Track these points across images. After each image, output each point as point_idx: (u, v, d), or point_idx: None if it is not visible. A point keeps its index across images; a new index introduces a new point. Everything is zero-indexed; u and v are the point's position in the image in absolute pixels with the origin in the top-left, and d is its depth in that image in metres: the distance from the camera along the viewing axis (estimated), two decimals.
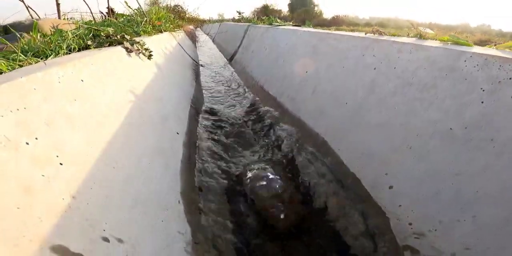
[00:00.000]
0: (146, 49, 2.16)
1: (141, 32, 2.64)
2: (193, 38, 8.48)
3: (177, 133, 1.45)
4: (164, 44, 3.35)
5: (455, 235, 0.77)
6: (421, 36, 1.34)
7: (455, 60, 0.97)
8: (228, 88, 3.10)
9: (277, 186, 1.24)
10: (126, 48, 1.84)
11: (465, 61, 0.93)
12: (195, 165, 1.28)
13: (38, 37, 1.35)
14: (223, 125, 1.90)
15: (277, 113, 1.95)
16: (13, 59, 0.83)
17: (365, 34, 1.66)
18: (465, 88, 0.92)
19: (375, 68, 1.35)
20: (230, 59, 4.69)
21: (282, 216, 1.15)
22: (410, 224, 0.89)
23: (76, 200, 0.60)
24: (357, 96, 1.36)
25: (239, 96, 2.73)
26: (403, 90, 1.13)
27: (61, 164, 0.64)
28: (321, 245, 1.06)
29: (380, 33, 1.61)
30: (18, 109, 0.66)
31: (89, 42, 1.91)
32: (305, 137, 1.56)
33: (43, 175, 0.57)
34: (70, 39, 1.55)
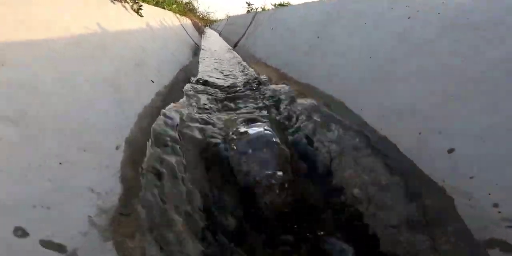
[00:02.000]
0: (135, 2, 1.88)
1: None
2: (199, 30, 8.32)
3: (152, 81, 1.15)
4: (164, 18, 3.10)
5: None
6: None
7: None
8: (227, 66, 2.81)
9: (275, 153, 0.92)
10: None
11: None
12: (165, 115, 0.96)
13: None
14: (217, 90, 1.60)
15: (280, 82, 1.65)
16: None
17: None
18: None
19: (409, 17, 1.06)
20: (234, 46, 4.43)
21: (277, 193, 0.83)
22: (496, 205, 0.55)
23: None
24: (381, 49, 1.07)
25: (238, 71, 2.43)
26: (449, 34, 0.84)
27: None
28: (330, 241, 0.73)
29: None
30: None
31: None
32: (315, 100, 1.25)
33: None
34: None
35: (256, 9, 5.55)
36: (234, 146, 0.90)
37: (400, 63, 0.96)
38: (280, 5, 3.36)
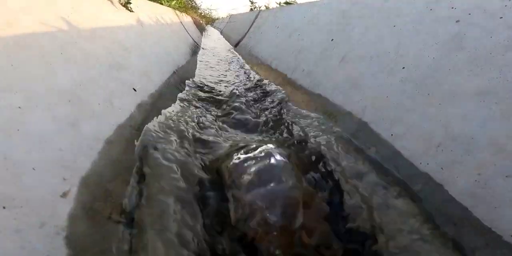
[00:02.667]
0: None
1: None
2: (200, 27, 8.09)
3: (134, 89, 0.94)
4: (161, 14, 2.87)
5: None
6: None
7: None
8: (227, 67, 2.60)
9: (287, 187, 0.72)
10: None
11: None
12: (146, 136, 0.75)
13: None
14: (214, 98, 1.39)
15: (288, 90, 1.44)
16: None
17: None
18: None
19: (457, 21, 0.86)
20: (236, 45, 4.21)
21: (289, 243, 0.64)
22: None
23: None
24: (423, 58, 0.86)
25: (239, 74, 2.22)
26: None
27: None
28: None
29: None
30: None
31: None
32: (329, 118, 1.05)
33: None
34: None
35: (260, 7, 5.33)
36: (233, 182, 0.69)
37: (447, 78, 0.75)
38: (286, 3, 3.14)
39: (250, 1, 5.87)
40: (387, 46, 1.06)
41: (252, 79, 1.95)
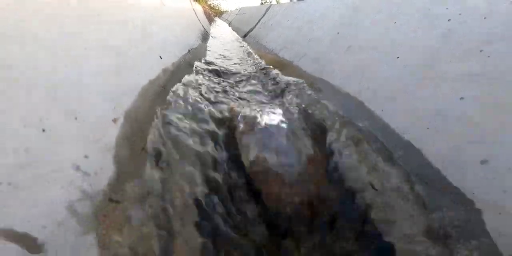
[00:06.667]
0: None
1: None
2: (209, 18, 8.10)
3: (160, 57, 1.04)
4: None
5: None
6: None
7: None
8: (236, 54, 2.69)
9: (289, 153, 0.83)
10: None
11: None
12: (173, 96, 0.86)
13: None
14: (225, 74, 1.49)
15: (292, 75, 1.56)
16: None
17: None
18: None
19: (449, 20, 0.98)
20: (244, 36, 4.29)
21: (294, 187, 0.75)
22: None
23: None
24: (419, 48, 0.98)
25: (247, 60, 2.32)
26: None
27: None
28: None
29: None
30: None
31: None
32: (327, 97, 1.16)
33: None
34: None
35: (270, 2, 5.40)
36: (248, 132, 0.80)
37: (442, 66, 0.87)
38: None
39: None
40: (388, 39, 1.17)
41: (258, 63, 2.06)
